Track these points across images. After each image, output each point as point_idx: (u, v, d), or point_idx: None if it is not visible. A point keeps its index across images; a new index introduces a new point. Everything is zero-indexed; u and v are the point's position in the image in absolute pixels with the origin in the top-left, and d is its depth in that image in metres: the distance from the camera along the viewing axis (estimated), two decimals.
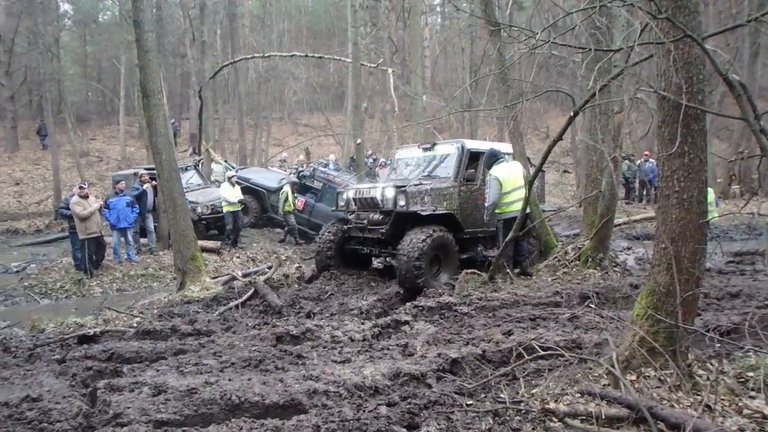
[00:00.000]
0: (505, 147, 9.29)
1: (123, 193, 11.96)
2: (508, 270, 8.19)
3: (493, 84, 9.71)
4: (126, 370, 5.14)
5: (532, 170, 8.26)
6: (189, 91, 27.35)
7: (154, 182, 12.24)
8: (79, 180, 16.74)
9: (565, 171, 24.58)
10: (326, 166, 17.68)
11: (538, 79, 8.93)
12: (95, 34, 40.18)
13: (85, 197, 11.05)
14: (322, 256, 8.99)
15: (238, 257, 12.47)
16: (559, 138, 6.50)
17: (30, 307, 9.29)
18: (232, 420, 3.86)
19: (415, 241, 7.57)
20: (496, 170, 8.10)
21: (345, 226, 8.95)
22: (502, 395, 4.02)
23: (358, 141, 14.58)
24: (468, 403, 4.03)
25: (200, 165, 16.58)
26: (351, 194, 8.86)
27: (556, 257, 8.68)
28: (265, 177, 16.48)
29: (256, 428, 3.66)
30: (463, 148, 8.73)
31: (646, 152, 19.36)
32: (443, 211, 8.16)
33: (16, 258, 13.79)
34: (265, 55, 20.42)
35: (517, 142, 9.19)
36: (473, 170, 8.81)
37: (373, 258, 9.31)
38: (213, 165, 17.39)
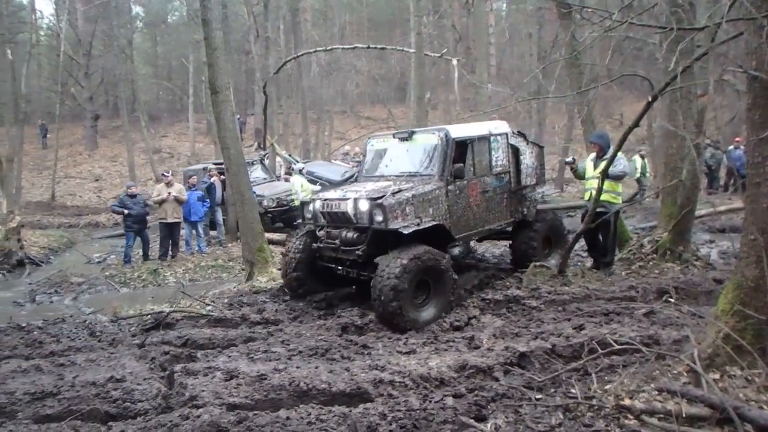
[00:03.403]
0: (501, 126, 7.93)
1: (195, 188, 12.39)
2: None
3: (563, 70, 9.29)
4: (200, 355, 5.38)
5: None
6: (254, 87, 28.04)
7: (222, 176, 12.62)
8: (152, 175, 17.52)
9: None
10: None
11: (612, 63, 8.50)
12: (165, 34, 41.80)
13: (168, 185, 11.68)
14: (289, 277, 7.55)
15: None
16: (636, 124, 6.18)
17: (111, 295, 9.78)
18: (301, 406, 3.96)
19: (391, 267, 5.98)
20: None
21: (314, 245, 7.32)
22: (573, 390, 3.91)
23: None
24: (537, 397, 3.95)
25: (265, 159, 16.94)
26: (318, 206, 7.26)
27: (630, 250, 8.32)
28: (329, 170, 16.69)
29: (324, 414, 3.73)
30: (447, 137, 7.10)
31: (737, 138, 17.97)
32: (430, 224, 6.57)
33: (97, 249, 14.61)
34: (328, 48, 20.48)
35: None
36: (461, 164, 7.14)
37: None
38: (279, 159, 17.73)
